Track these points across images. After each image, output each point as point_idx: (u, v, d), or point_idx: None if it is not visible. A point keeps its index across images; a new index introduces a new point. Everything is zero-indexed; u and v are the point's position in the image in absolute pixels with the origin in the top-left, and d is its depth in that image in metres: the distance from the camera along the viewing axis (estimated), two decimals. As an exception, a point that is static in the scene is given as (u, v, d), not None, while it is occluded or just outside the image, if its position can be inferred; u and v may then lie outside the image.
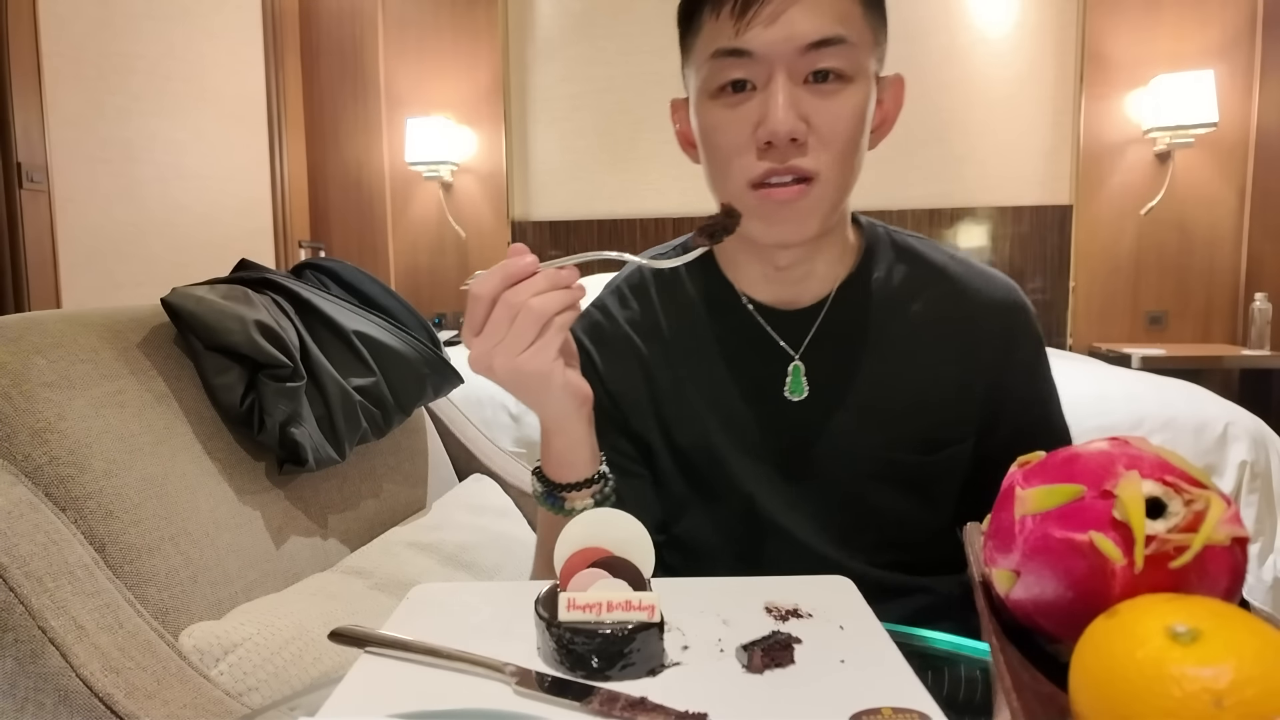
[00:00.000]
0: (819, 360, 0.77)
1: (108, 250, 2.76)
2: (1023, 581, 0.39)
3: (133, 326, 0.93)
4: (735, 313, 0.80)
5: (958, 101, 3.27)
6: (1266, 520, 1.68)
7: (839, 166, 0.69)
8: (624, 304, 0.84)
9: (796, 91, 0.67)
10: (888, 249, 0.81)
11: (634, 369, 0.82)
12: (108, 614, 0.71)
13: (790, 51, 0.66)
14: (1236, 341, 3.20)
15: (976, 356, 0.77)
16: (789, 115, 0.66)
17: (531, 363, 0.60)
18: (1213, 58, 3.10)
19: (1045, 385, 0.81)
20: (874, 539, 0.78)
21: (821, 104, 0.67)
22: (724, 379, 0.79)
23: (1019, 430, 0.78)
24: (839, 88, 0.67)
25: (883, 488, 0.77)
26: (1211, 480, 0.37)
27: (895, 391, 0.77)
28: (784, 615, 0.54)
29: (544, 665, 0.48)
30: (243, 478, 0.95)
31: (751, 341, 0.79)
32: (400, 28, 3.74)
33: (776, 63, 0.66)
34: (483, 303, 0.59)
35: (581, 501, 0.69)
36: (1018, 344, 0.79)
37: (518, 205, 3.69)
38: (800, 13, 0.65)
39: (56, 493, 0.75)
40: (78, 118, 2.64)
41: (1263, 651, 0.30)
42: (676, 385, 0.80)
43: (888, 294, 0.78)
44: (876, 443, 0.77)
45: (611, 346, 0.82)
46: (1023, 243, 3.28)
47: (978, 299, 0.78)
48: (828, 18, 0.66)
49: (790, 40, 0.65)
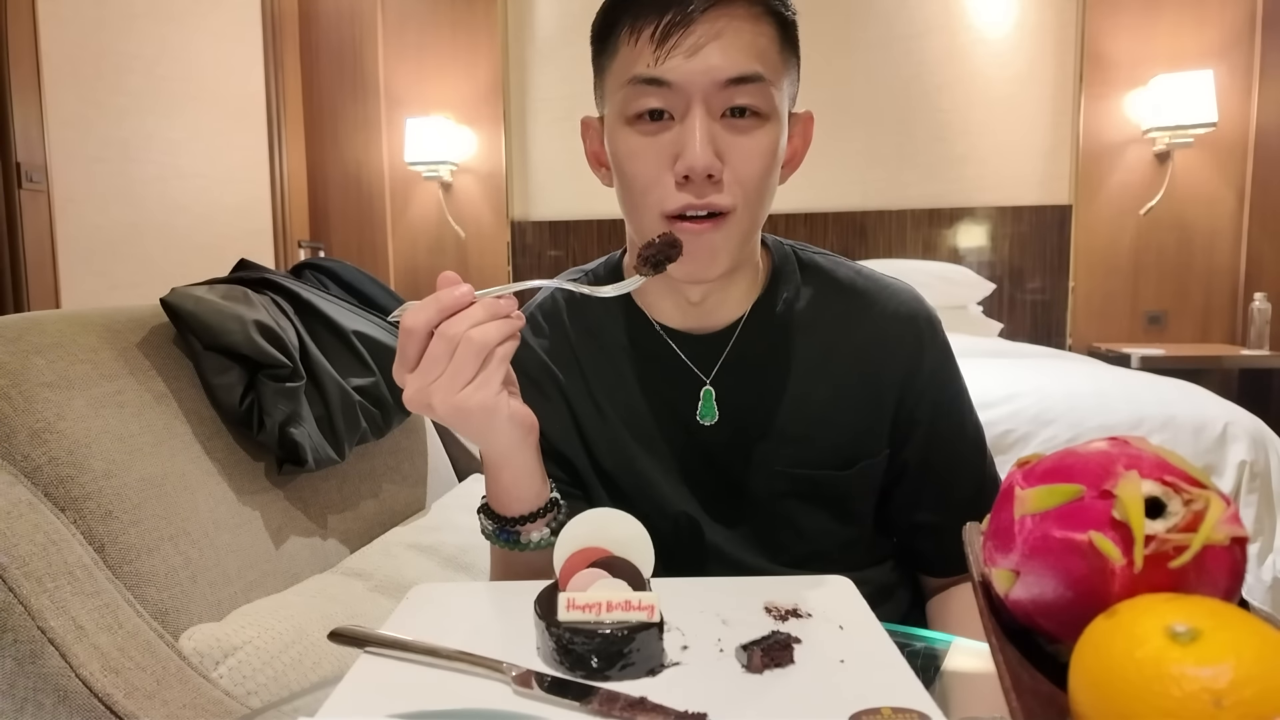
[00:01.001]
0: (730, 384, 0.78)
1: (107, 250, 2.76)
2: (1022, 581, 0.39)
3: (132, 327, 0.93)
4: (648, 338, 0.80)
5: (957, 101, 3.27)
6: (1266, 520, 1.68)
7: (751, 203, 0.69)
8: (537, 332, 0.84)
9: (714, 127, 0.66)
10: (794, 270, 0.81)
11: (554, 396, 0.81)
12: (107, 614, 0.71)
13: (709, 85, 0.65)
14: (1236, 341, 3.20)
15: (884, 371, 0.78)
16: (706, 152, 0.65)
17: (474, 398, 0.57)
18: (1212, 58, 3.11)
19: (955, 391, 0.82)
20: (801, 551, 0.80)
21: (737, 141, 0.67)
22: (640, 404, 0.79)
23: (932, 438, 0.80)
24: (755, 124, 0.67)
25: (801, 504, 0.79)
26: (1211, 480, 0.37)
27: (806, 411, 0.78)
28: (783, 615, 0.54)
29: (543, 665, 0.48)
30: (242, 478, 0.95)
31: (664, 367, 0.79)
32: (400, 27, 3.74)
33: (695, 95, 0.65)
34: (416, 336, 0.56)
35: (538, 533, 0.67)
36: (925, 354, 0.79)
37: (517, 205, 3.69)
38: (720, 47, 0.64)
39: (56, 493, 0.75)
40: (77, 118, 2.63)
41: (1262, 651, 0.30)
42: (597, 411, 0.80)
43: (794, 315, 0.79)
44: (789, 461, 0.78)
45: (529, 375, 0.81)
46: (1022, 243, 3.28)
47: (884, 313, 0.79)
48: (746, 54, 0.65)
49: (709, 74, 0.65)
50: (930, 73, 3.26)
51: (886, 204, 3.31)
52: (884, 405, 0.78)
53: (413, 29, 3.73)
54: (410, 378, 0.57)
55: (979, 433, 0.83)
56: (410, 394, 0.57)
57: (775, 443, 0.78)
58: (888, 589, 0.84)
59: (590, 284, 0.79)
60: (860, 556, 0.82)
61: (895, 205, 3.32)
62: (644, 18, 0.66)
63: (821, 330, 0.79)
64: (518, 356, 0.79)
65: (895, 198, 3.32)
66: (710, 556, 0.79)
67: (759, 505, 0.79)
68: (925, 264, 3.11)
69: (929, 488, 0.81)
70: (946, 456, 0.80)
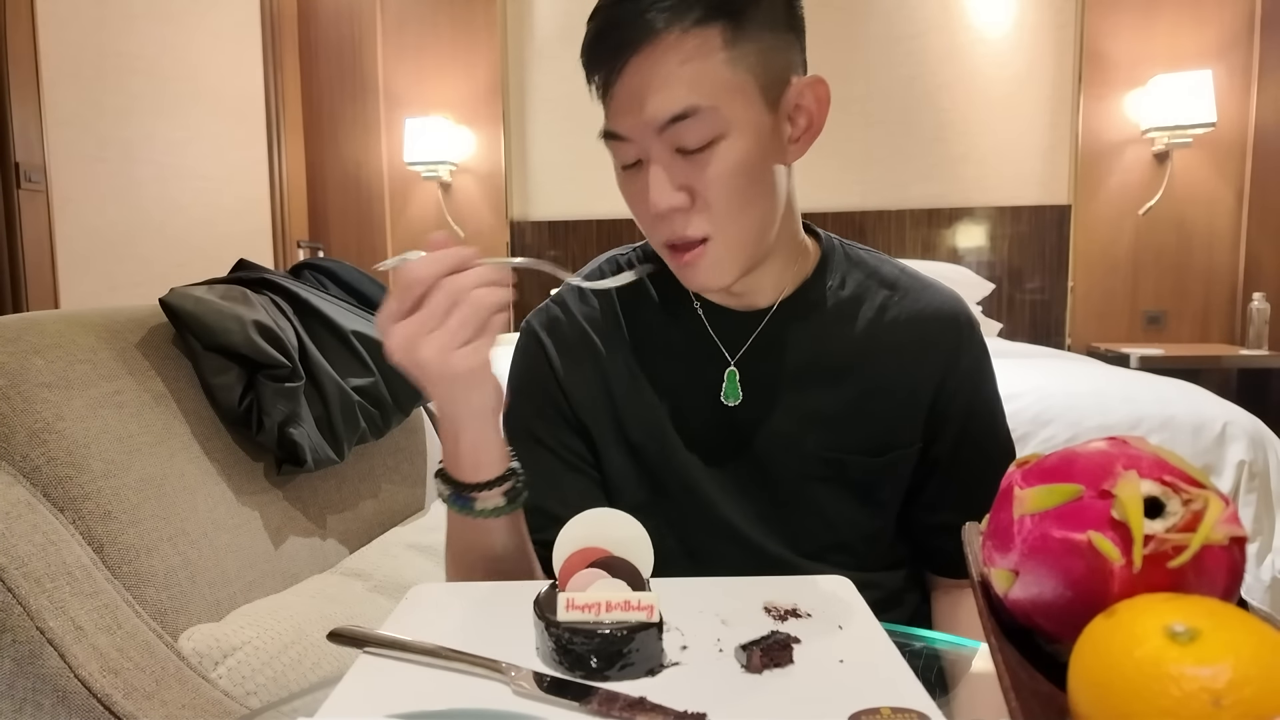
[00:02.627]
0: (760, 366, 0.79)
1: (106, 250, 2.76)
2: (1021, 581, 0.39)
3: (131, 327, 0.93)
4: (687, 315, 0.81)
5: (957, 101, 3.27)
6: (1264, 520, 1.68)
7: (731, 221, 0.70)
8: (584, 300, 0.85)
9: (674, 164, 0.67)
10: (842, 261, 0.83)
11: (588, 364, 0.82)
12: (106, 614, 0.71)
13: (650, 130, 0.66)
14: (1234, 341, 3.20)
15: (922, 365, 0.79)
16: (663, 193, 0.67)
17: (468, 360, 0.57)
18: (1211, 58, 3.11)
19: (990, 394, 0.83)
20: (821, 540, 0.80)
21: (698, 172, 0.67)
22: (674, 378, 0.81)
23: (963, 437, 0.80)
24: (710, 154, 0.67)
25: (828, 488, 0.79)
26: (1209, 480, 0.37)
27: (841, 396, 0.78)
28: (783, 615, 0.54)
29: (543, 665, 0.48)
30: (241, 478, 0.94)
31: (697, 344, 0.81)
32: (399, 27, 3.74)
33: (645, 141, 0.67)
34: (419, 285, 0.55)
35: (493, 502, 0.67)
36: (962, 354, 0.81)
37: (516, 205, 3.69)
38: (650, 91, 0.65)
39: (55, 493, 0.75)
40: (75, 118, 2.63)
41: (1260, 651, 0.30)
42: (632, 380, 0.81)
43: (838, 302, 0.81)
44: (820, 444, 0.78)
45: (567, 342, 0.82)
46: (1021, 243, 3.28)
47: (925, 311, 0.81)
48: (679, 90, 0.65)
49: (648, 121, 0.66)
50: (929, 73, 3.26)
51: (885, 204, 3.31)
52: (920, 399, 0.79)
53: (412, 29, 3.73)
54: (401, 325, 0.57)
55: (1009, 441, 0.85)
56: (398, 341, 0.57)
57: (807, 425, 0.78)
58: (897, 595, 0.84)
59: (639, 259, 0.85)
60: (880, 554, 0.82)
61: (894, 205, 3.32)
62: (595, 73, 0.69)
63: (862, 321, 0.80)
64: (558, 322, 0.83)
65: (894, 197, 3.32)
66: (728, 537, 0.79)
67: (785, 487, 0.79)
68: (924, 264, 3.10)
69: (956, 487, 0.81)
70: (976, 457, 0.81)
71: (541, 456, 0.81)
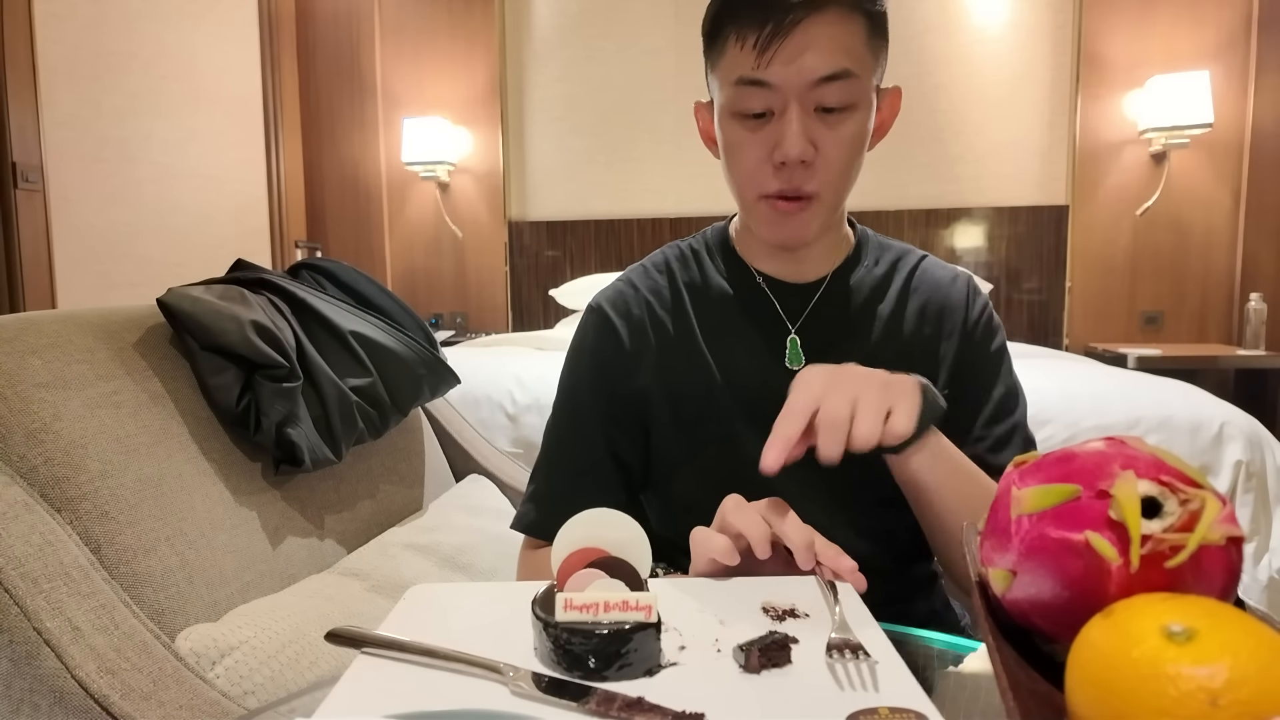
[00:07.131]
0: (815, 334, 0.87)
1: (103, 250, 2.75)
2: (1019, 581, 0.39)
3: (128, 327, 0.93)
4: (748, 285, 0.89)
5: (954, 102, 3.27)
6: (1261, 520, 1.69)
7: (837, 185, 0.80)
8: (648, 276, 0.93)
9: (808, 119, 0.76)
10: (875, 246, 0.94)
11: (646, 329, 0.89)
12: (103, 615, 0.71)
13: (803, 84, 0.75)
14: (1232, 341, 3.21)
15: (941, 327, 0.89)
16: (800, 141, 0.76)
17: None
18: (1208, 58, 3.11)
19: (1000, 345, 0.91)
20: (857, 510, 0.84)
21: (828, 132, 0.77)
22: (735, 347, 0.87)
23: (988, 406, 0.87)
24: (844, 117, 0.77)
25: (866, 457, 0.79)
26: (1207, 480, 0.37)
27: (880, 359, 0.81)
28: (781, 615, 0.54)
29: (541, 665, 0.48)
30: (239, 478, 0.94)
31: (758, 314, 0.88)
32: (397, 28, 3.74)
33: (791, 93, 0.75)
34: None
35: None
36: (971, 307, 0.90)
37: (514, 205, 3.68)
38: (813, 51, 0.74)
39: (52, 493, 0.75)
40: (73, 117, 2.63)
41: (1258, 650, 0.30)
42: (694, 354, 0.87)
43: (873, 279, 0.90)
44: None
45: (632, 313, 0.90)
46: (1019, 243, 3.28)
47: (939, 281, 0.92)
48: (836, 54, 0.75)
49: (803, 75, 0.74)
50: (927, 73, 3.26)
51: (883, 204, 3.31)
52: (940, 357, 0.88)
53: (410, 29, 3.73)
54: None
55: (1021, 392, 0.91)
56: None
57: None
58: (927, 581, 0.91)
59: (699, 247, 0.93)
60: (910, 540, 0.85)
61: (892, 205, 3.32)
62: (748, 28, 0.76)
63: (890, 298, 0.90)
64: (624, 295, 0.91)
65: (892, 198, 3.32)
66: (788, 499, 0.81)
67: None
68: (922, 264, 3.11)
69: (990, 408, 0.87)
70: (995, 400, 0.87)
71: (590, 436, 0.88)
